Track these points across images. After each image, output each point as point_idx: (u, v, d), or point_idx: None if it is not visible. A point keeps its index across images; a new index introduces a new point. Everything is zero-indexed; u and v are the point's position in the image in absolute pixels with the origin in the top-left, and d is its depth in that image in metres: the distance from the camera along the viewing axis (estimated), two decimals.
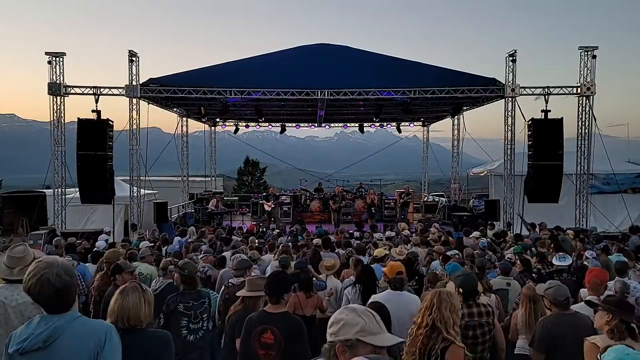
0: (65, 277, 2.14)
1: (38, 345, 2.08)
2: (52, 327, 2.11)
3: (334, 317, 1.78)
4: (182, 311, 4.20)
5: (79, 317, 2.21)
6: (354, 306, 1.84)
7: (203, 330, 4.29)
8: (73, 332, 2.13)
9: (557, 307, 3.75)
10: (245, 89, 14.27)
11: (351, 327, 1.71)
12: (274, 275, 3.81)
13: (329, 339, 1.77)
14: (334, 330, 1.74)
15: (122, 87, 13.81)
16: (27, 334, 2.12)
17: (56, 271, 2.12)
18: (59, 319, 2.14)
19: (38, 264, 2.17)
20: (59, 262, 2.18)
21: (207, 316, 4.34)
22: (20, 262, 3.18)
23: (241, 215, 19.02)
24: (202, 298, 4.36)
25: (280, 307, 3.52)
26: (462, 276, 3.84)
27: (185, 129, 20.35)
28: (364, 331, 1.71)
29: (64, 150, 13.86)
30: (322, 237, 8.75)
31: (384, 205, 18.42)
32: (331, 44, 16.97)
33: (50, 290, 2.10)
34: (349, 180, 24.32)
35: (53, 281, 2.10)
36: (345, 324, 1.73)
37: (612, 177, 14.96)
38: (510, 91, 13.93)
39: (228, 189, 28.74)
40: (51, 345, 2.09)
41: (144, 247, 7.49)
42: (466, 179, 20.40)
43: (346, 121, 22.56)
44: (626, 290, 4.72)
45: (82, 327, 2.18)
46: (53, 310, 2.16)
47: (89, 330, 2.18)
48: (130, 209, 14.50)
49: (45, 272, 2.12)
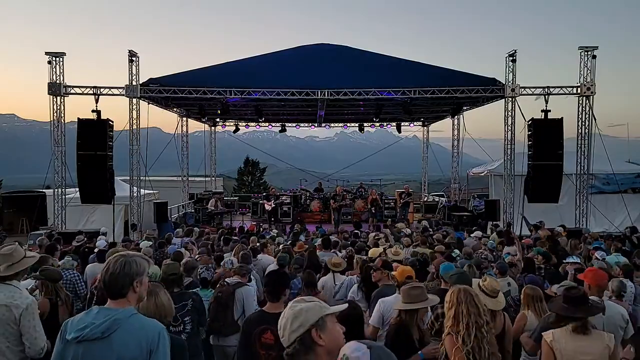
0: (120, 267, 2.24)
1: (97, 335, 2.13)
2: (112, 319, 2.16)
3: (289, 314, 1.78)
4: None
5: (136, 314, 2.27)
6: (298, 298, 1.90)
7: (186, 334, 4.14)
8: (130, 327, 2.20)
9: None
10: (245, 89, 14.27)
11: (313, 309, 1.78)
12: (272, 273, 3.77)
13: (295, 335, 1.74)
14: (301, 321, 1.75)
15: (122, 87, 13.81)
16: (86, 322, 2.17)
17: (120, 260, 2.26)
18: (118, 312, 2.20)
19: (117, 254, 2.36)
20: (129, 255, 2.32)
21: (189, 319, 4.18)
22: (8, 259, 3.30)
23: (241, 215, 19.02)
24: (184, 300, 4.22)
25: (279, 307, 3.51)
26: (456, 275, 3.84)
27: (185, 129, 20.37)
28: (323, 307, 1.80)
29: (64, 150, 13.86)
30: (322, 237, 8.76)
31: (384, 205, 18.45)
32: (331, 44, 16.96)
33: (106, 273, 2.25)
34: (349, 180, 24.32)
35: (111, 267, 2.25)
36: (307, 309, 1.77)
37: (612, 177, 14.95)
38: (510, 91, 13.93)
39: (228, 189, 28.75)
40: (109, 336, 2.15)
41: (145, 247, 7.49)
42: (466, 179, 20.39)
43: (346, 121, 22.57)
44: (623, 289, 4.74)
45: (138, 323, 2.24)
46: (109, 294, 2.27)
47: (144, 327, 2.24)
48: (130, 209, 14.50)
49: (113, 258, 2.28)
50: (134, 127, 14.15)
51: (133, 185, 14.43)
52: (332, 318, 1.82)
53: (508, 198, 14.25)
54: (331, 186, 21.06)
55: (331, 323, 1.80)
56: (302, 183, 21.44)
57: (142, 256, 2.40)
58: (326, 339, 1.75)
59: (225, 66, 15.86)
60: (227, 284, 4.90)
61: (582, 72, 13.70)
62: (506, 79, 14.02)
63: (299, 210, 18.57)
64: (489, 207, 14.98)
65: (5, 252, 3.34)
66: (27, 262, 3.45)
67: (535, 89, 14.10)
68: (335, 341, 1.77)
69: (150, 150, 15.56)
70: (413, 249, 8.29)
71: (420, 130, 23.63)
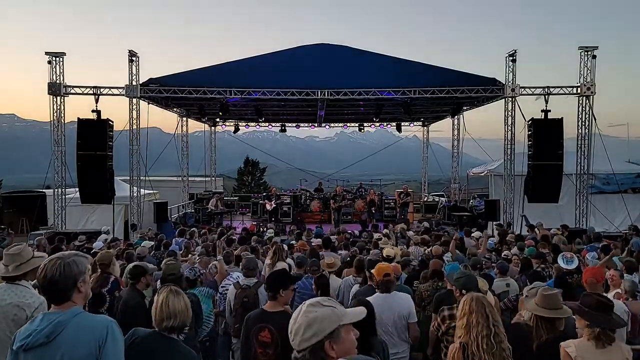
0: (59, 270, 2.19)
1: (41, 341, 2.13)
2: (54, 322, 2.16)
3: (303, 320, 1.68)
4: None
5: (81, 313, 2.25)
6: (314, 300, 1.76)
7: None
8: (75, 326, 2.18)
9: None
10: (245, 89, 14.28)
11: (329, 318, 1.67)
12: (271, 274, 3.80)
13: (307, 344, 1.65)
14: (315, 330, 1.65)
15: (122, 87, 13.82)
16: (30, 330, 2.17)
17: (58, 262, 2.20)
18: (61, 314, 2.19)
19: (52, 257, 2.29)
20: (66, 257, 2.25)
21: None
22: (17, 259, 3.27)
23: (241, 215, 19.02)
24: None
25: (278, 306, 3.52)
26: (464, 277, 3.83)
27: (185, 129, 20.38)
28: (339, 315, 1.69)
29: (64, 150, 13.88)
30: (321, 237, 8.74)
31: (384, 205, 18.45)
32: (331, 44, 16.94)
33: (43, 277, 2.19)
34: (349, 180, 24.31)
35: (48, 271, 2.19)
36: (322, 318, 1.66)
37: (612, 177, 14.95)
38: (510, 91, 13.94)
39: (228, 189, 28.75)
40: (54, 340, 2.14)
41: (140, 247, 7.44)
42: (466, 179, 20.40)
43: (346, 121, 22.58)
44: (636, 289, 4.70)
45: (83, 321, 2.22)
46: (48, 299, 2.25)
47: (90, 325, 2.22)
48: (130, 209, 14.51)
49: (49, 262, 2.22)
50: (134, 127, 14.16)
51: (133, 185, 14.43)
52: (348, 327, 1.71)
53: (508, 198, 14.25)
54: (331, 186, 21.06)
55: (346, 332, 1.70)
56: (302, 183, 21.44)
57: (79, 254, 2.36)
58: (338, 349, 1.66)
59: (225, 66, 15.86)
60: (248, 287, 4.82)
61: (582, 72, 13.70)
62: (506, 79, 14.03)
63: (299, 210, 18.57)
64: (489, 207, 14.98)
65: (14, 252, 3.32)
66: (36, 262, 3.43)
67: (535, 89, 14.11)
68: (347, 352, 1.68)
69: (150, 150, 15.57)
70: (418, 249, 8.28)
71: (420, 130, 23.64)
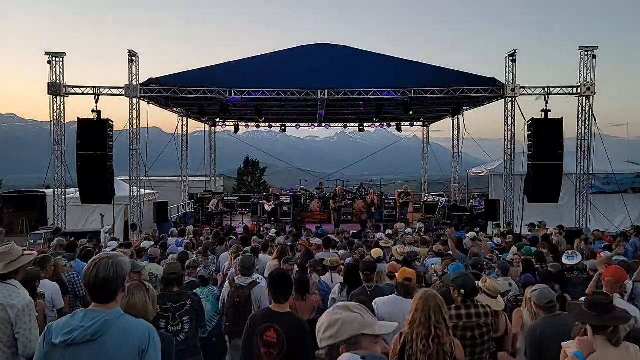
0: (112, 269, 2.21)
1: (87, 339, 2.10)
2: (101, 321, 2.13)
3: (327, 319, 1.72)
4: (159, 313, 4.00)
5: (124, 315, 2.25)
6: (343, 303, 1.80)
7: (184, 334, 4.13)
8: (120, 328, 2.17)
9: (543, 311, 3.75)
10: (245, 89, 14.27)
11: (351, 324, 1.69)
12: (278, 277, 3.72)
13: (325, 343, 1.70)
14: (333, 332, 1.69)
15: (122, 87, 13.80)
16: (73, 326, 2.13)
17: (109, 262, 2.22)
18: (106, 313, 2.17)
19: (100, 254, 2.31)
20: (115, 257, 2.29)
21: (188, 319, 4.16)
22: (6, 257, 3.29)
23: (241, 215, 19.02)
24: (183, 300, 4.21)
25: (285, 307, 3.51)
26: (462, 277, 3.83)
27: (185, 129, 20.37)
28: (363, 325, 1.70)
29: (64, 150, 13.86)
30: (321, 237, 8.74)
31: (384, 205, 18.44)
32: (331, 44, 16.93)
33: (96, 276, 2.19)
34: (349, 180, 24.32)
35: (101, 269, 2.20)
36: (343, 322, 1.69)
37: (612, 177, 14.95)
38: (510, 91, 13.93)
39: (228, 189, 28.75)
40: (99, 339, 2.12)
41: (151, 248, 7.48)
42: (466, 179, 20.39)
43: (346, 121, 22.56)
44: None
45: (128, 324, 2.22)
46: (96, 297, 2.22)
47: (135, 328, 2.22)
48: (130, 209, 14.50)
49: (100, 261, 2.23)
50: (134, 127, 14.15)
51: (133, 185, 14.42)
52: (372, 338, 1.69)
53: (508, 198, 14.25)
54: (331, 186, 21.07)
55: (368, 343, 1.67)
56: (302, 183, 21.45)
57: (122, 255, 2.39)
58: None
59: (225, 66, 15.85)
60: (241, 287, 4.80)
61: (582, 72, 13.70)
62: (506, 79, 14.02)
63: (299, 210, 18.57)
64: (489, 207, 14.98)
65: (2, 250, 3.33)
66: (25, 259, 3.44)
67: (535, 89, 14.10)
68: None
69: (150, 150, 15.57)
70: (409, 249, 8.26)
71: (420, 130, 23.63)
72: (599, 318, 2.85)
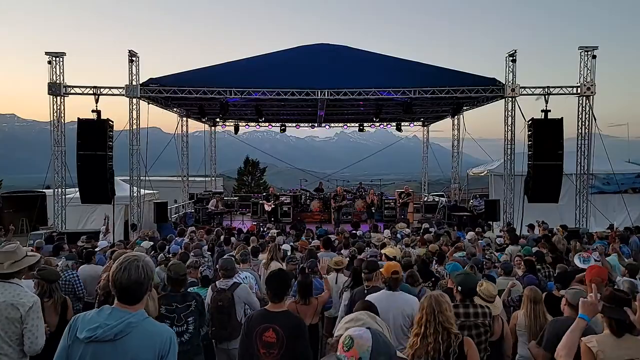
0: (143, 271, 2.19)
1: (109, 337, 2.09)
2: (125, 322, 2.12)
3: (354, 315, 1.85)
4: (164, 314, 4.04)
5: (148, 318, 2.23)
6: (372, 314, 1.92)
7: (188, 334, 4.12)
8: (143, 330, 2.16)
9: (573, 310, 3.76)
10: (245, 89, 14.26)
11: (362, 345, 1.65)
12: (275, 274, 3.74)
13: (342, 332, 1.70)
14: (351, 325, 1.76)
15: (122, 87, 13.80)
16: (99, 323, 2.12)
17: (141, 263, 2.20)
18: (132, 315, 2.16)
19: (128, 255, 2.28)
20: (144, 258, 2.27)
21: (192, 319, 4.16)
22: (11, 256, 3.32)
23: (241, 215, 19.02)
24: (188, 301, 4.21)
25: (281, 306, 3.50)
26: (462, 275, 3.85)
27: (185, 129, 20.36)
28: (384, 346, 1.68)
29: (64, 150, 13.86)
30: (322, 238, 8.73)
31: (384, 205, 18.44)
32: (331, 44, 16.95)
33: (128, 278, 2.16)
34: (349, 180, 24.31)
35: (132, 271, 2.17)
36: (364, 324, 1.77)
37: (612, 177, 14.96)
38: (510, 91, 13.93)
39: (228, 189, 28.72)
40: (121, 339, 2.10)
41: (147, 247, 7.48)
42: (466, 179, 20.39)
43: (346, 121, 22.56)
44: (635, 289, 4.68)
45: (151, 327, 2.21)
46: (126, 299, 2.19)
47: (157, 332, 2.21)
48: (130, 209, 14.50)
49: (130, 262, 2.20)
50: (134, 127, 14.15)
51: (133, 185, 14.42)
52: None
53: (508, 198, 14.25)
54: (331, 186, 21.06)
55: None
56: (302, 183, 21.44)
57: (147, 255, 2.38)
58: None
59: (225, 66, 15.86)
60: (223, 290, 4.75)
61: (582, 72, 13.70)
62: (506, 79, 14.02)
63: (299, 210, 18.56)
64: (489, 207, 14.98)
65: (9, 249, 3.36)
66: (28, 260, 3.46)
67: (535, 89, 14.10)
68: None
69: (150, 150, 15.56)
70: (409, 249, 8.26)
71: (420, 130, 23.63)
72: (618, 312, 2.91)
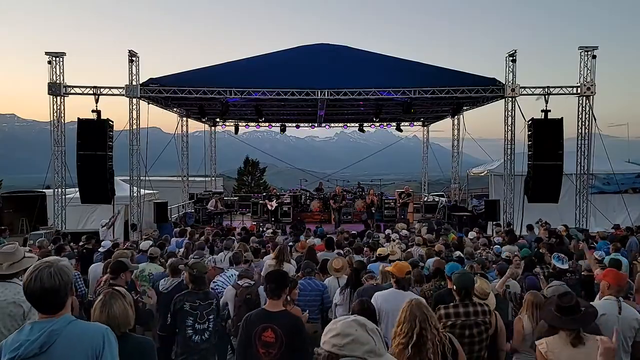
0: (57, 277, 2.09)
1: (34, 352, 2.02)
2: (47, 332, 2.04)
3: (341, 328, 1.64)
4: (188, 310, 4.21)
5: (73, 321, 2.15)
6: (362, 320, 1.70)
7: (209, 332, 4.27)
8: (69, 335, 2.08)
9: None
10: (245, 89, 14.26)
11: (361, 345, 1.61)
12: (272, 273, 3.78)
13: (327, 347, 1.63)
14: (339, 342, 1.61)
15: (122, 87, 13.81)
16: (20, 341, 2.04)
17: (52, 270, 2.09)
18: (53, 323, 2.08)
19: (38, 263, 2.16)
20: (56, 263, 2.16)
21: (213, 317, 4.31)
22: (10, 257, 3.31)
23: (241, 215, 19.02)
24: (210, 299, 4.36)
25: (279, 305, 3.51)
26: (460, 275, 3.85)
27: (185, 129, 20.37)
28: (372, 352, 1.62)
29: (64, 150, 13.87)
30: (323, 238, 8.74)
31: (384, 205, 18.44)
32: (331, 44, 16.95)
33: (41, 287, 2.06)
34: (349, 180, 24.31)
35: (45, 279, 2.07)
36: (354, 340, 1.61)
37: (612, 177, 14.96)
38: (510, 91, 13.93)
39: (228, 189, 28.72)
40: (48, 350, 2.03)
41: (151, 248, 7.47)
42: (466, 179, 20.39)
43: (346, 121, 22.58)
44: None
45: (78, 330, 2.12)
46: (43, 309, 2.12)
47: (85, 333, 2.13)
48: (130, 209, 14.50)
49: (41, 270, 2.09)
50: (134, 127, 14.15)
51: (133, 185, 14.42)
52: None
53: (508, 198, 14.25)
54: (331, 186, 21.06)
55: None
56: (302, 183, 21.44)
57: (61, 259, 2.29)
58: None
59: (225, 66, 15.86)
60: (249, 285, 4.88)
61: (582, 72, 13.70)
62: (506, 79, 14.02)
63: (299, 211, 18.56)
64: (489, 207, 14.98)
65: (8, 250, 3.36)
66: (27, 262, 3.45)
67: (535, 89, 14.10)
68: None
69: (150, 150, 15.56)
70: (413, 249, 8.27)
71: (420, 130, 23.65)
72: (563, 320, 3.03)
